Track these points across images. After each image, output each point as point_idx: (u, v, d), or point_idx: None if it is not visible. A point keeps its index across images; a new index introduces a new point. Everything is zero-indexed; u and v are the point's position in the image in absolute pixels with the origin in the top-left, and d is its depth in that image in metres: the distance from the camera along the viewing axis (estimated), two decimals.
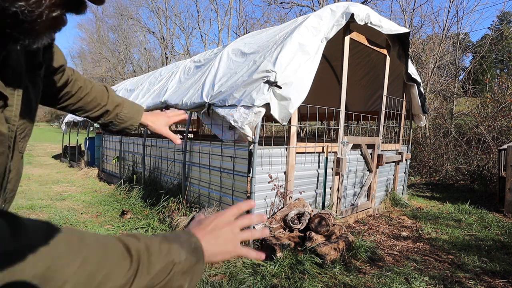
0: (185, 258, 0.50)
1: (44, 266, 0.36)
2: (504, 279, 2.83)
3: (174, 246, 0.49)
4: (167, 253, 0.48)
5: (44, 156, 12.07)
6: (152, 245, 0.47)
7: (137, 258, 0.44)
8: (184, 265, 0.49)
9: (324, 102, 5.82)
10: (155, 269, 0.46)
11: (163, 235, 0.51)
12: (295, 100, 3.17)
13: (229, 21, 20.51)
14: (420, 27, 11.78)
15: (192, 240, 0.53)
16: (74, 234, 0.41)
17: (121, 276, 0.42)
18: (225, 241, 0.58)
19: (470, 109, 10.13)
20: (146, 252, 0.46)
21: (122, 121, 0.98)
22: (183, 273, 0.49)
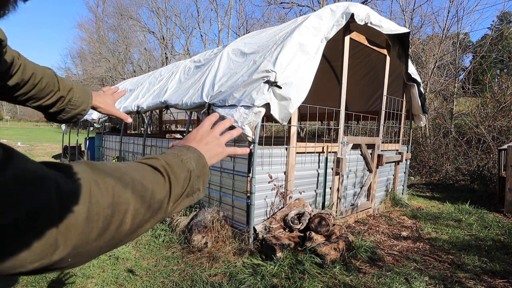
0: (196, 165, 0.58)
1: (111, 195, 0.41)
2: (504, 279, 2.83)
3: (184, 157, 0.57)
4: (183, 164, 0.55)
5: (44, 156, 12.07)
6: (170, 160, 0.54)
7: (166, 172, 0.51)
8: (196, 171, 0.57)
9: (324, 102, 5.82)
10: (181, 178, 0.53)
11: (172, 152, 0.57)
12: (295, 100, 3.17)
13: (229, 21, 20.51)
14: (420, 27, 11.78)
15: (192, 150, 0.61)
16: (112, 165, 0.46)
17: (162, 189, 0.49)
18: (214, 145, 0.67)
19: (470, 109, 10.13)
20: (168, 166, 0.52)
21: (74, 107, 0.90)
22: (197, 177, 0.57)
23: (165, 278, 2.70)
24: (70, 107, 0.89)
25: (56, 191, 0.34)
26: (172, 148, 0.62)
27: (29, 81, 0.80)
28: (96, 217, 0.38)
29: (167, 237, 3.51)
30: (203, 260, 2.97)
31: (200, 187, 0.58)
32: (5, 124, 48.07)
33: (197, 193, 0.58)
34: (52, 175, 0.35)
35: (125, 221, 0.42)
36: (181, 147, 0.61)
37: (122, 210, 0.42)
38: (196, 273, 2.74)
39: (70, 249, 0.36)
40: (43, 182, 0.34)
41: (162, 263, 2.98)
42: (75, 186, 0.37)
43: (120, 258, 3.05)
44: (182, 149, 0.60)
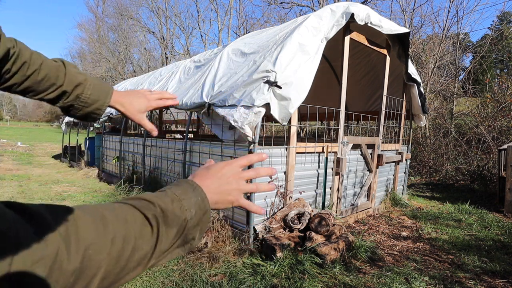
0: (195, 212, 0.52)
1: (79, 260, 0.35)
2: (504, 279, 2.83)
3: (184, 203, 0.51)
4: (180, 212, 0.49)
5: (44, 156, 12.07)
6: (167, 207, 0.48)
7: (156, 224, 0.45)
8: (194, 219, 0.51)
9: (324, 102, 5.82)
10: (173, 231, 0.48)
11: (171, 191, 0.52)
12: (295, 100, 3.17)
13: (229, 21, 20.52)
14: (420, 27, 11.78)
15: (198, 192, 0.54)
16: (96, 215, 0.41)
17: (146, 245, 0.44)
18: (229, 191, 0.59)
19: (470, 109, 10.13)
20: (162, 216, 0.47)
21: (86, 105, 0.79)
22: (194, 227, 0.52)
23: (165, 278, 2.70)
24: (80, 104, 0.79)
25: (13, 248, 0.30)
26: (177, 184, 0.55)
27: (19, 71, 0.72)
28: (54, 284, 0.33)
29: None
30: (203, 260, 2.97)
31: (196, 236, 0.53)
32: (5, 124, 48.11)
33: (191, 243, 0.52)
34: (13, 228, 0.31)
35: (89, 286, 0.37)
36: (188, 184, 0.55)
37: (89, 275, 0.37)
38: (196, 273, 2.74)
39: None
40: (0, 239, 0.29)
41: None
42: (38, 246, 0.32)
43: None
44: (188, 189, 0.53)
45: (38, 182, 6.73)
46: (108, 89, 0.81)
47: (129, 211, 0.45)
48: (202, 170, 0.60)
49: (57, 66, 0.77)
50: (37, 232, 0.33)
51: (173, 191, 0.51)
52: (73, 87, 0.78)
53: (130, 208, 0.45)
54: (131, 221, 0.43)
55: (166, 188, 0.53)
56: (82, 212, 0.39)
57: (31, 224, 0.33)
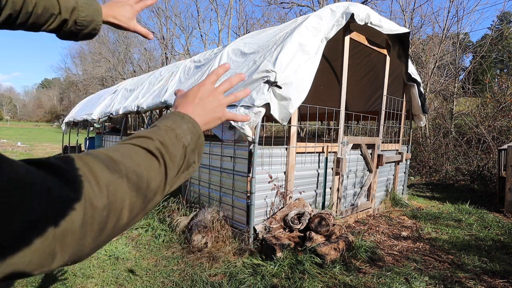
0: (191, 137, 0.55)
1: (105, 195, 0.39)
2: (504, 279, 2.84)
3: (178, 131, 0.53)
4: (177, 140, 0.52)
5: (44, 156, 12.07)
6: (164, 138, 0.50)
7: (160, 155, 0.48)
8: (191, 144, 0.54)
9: (324, 102, 5.82)
10: (177, 158, 0.51)
11: (165, 125, 0.53)
12: (295, 100, 3.17)
13: (229, 21, 20.51)
14: (420, 27, 11.78)
15: (187, 119, 0.57)
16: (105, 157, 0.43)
17: (158, 175, 0.47)
18: (213, 109, 0.62)
19: (470, 109, 10.13)
20: (163, 147, 0.49)
21: (83, 27, 0.82)
22: (192, 151, 0.55)
23: (165, 278, 2.70)
24: (78, 28, 0.81)
25: (48, 197, 0.32)
26: (165, 117, 0.57)
27: (22, 10, 0.73)
28: (91, 221, 0.36)
29: (167, 237, 3.51)
30: (203, 260, 2.97)
31: (195, 159, 0.56)
32: (5, 124, 48.07)
33: (192, 166, 0.56)
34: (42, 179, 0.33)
35: (121, 217, 0.41)
36: (175, 115, 0.57)
37: (118, 209, 0.40)
38: (196, 273, 2.74)
39: (68, 256, 0.35)
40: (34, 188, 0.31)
41: (162, 263, 2.98)
42: (67, 190, 0.35)
43: (120, 258, 3.05)
44: (176, 119, 0.56)
45: None
46: (98, 6, 0.83)
47: (131, 149, 0.47)
48: (179, 99, 0.62)
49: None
50: (61, 181, 0.35)
51: (164, 123, 0.54)
52: (70, 13, 0.79)
53: (131, 147, 0.47)
54: (136, 157, 0.46)
55: (156, 123, 0.55)
56: (92, 157, 0.41)
57: (54, 174, 0.35)
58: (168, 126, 0.53)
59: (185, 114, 0.57)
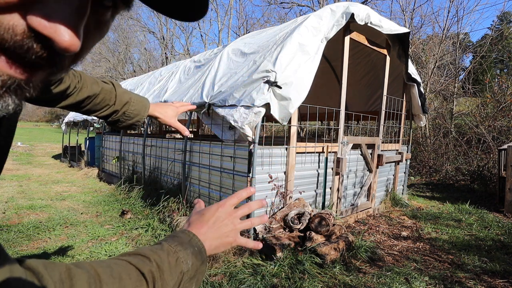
0: (192, 263, 0.51)
1: None
2: (504, 279, 2.83)
3: (181, 255, 0.50)
4: (176, 265, 0.49)
5: (44, 156, 12.07)
6: (162, 262, 0.48)
7: (152, 280, 0.45)
8: (191, 271, 0.51)
9: (324, 102, 5.82)
10: (169, 286, 0.47)
11: (167, 244, 0.51)
12: (295, 100, 3.17)
13: (229, 21, 20.51)
14: (420, 27, 11.79)
15: (195, 242, 0.54)
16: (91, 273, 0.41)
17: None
18: (226, 233, 0.59)
19: (470, 109, 10.13)
20: (158, 271, 0.47)
21: (129, 118, 0.97)
22: (190, 279, 0.51)
23: None
24: (125, 118, 0.96)
25: None
26: (174, 235, 0.55)
27: (84, 101, 0.88)
28: None
29: None
30: None
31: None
32: None
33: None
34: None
35: None
36: (184, 235, 0.54)
37: None
38: None
39: None
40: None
41: None
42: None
43: None
44: (184, 240, 0.53)
45: (38, 182, 6.73)
46: (146, 103, 1.00)
47: (125, 268, 0.44)
48: (195, 217, 0.60)
49: (110, 89, 0.93)
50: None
51: (169, 243, 0.51)
52: (122, 106, 0.94)
53: (126, 265, 0.45)
54: (126, 278, 0.43)
55: (163, 240, 0.53)
56: (78, 270, 0.39)
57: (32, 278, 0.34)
58: (172, 248, 0.51)
59: (195, 236, 0.55)
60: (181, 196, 4.14)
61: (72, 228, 3.86)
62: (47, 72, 0.29)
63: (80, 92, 0.86)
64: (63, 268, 0.38)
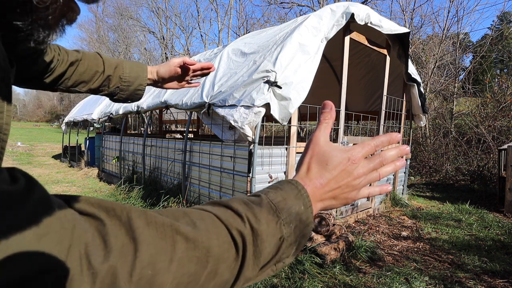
0: (295, 226, 0.40)
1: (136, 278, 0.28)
2: (504, 279, 2.83)
3: (283, 215, 0.39)
4: (276, 229, 0.38)
5: (44, 156, 12.07)
6: (259, 225, 0.37)
7: (242, 246, 0.36)
8: (292, 236, 0.40)
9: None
10: (263, 255, 0.38)
11: (268, 198, 0.40)
12: (295, 100, 3.17)
13: (229, 21, 20.52)
14: (420, 27, 11.79)
15: (304, 199, 0.42)
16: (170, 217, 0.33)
17: (226, 272, 0.35)
18: (348, 194, 0.46)
19: (470, 109, 10.13)
20: (252, 236, 0.36)
21: (129, 83, 0.88)
22: (290, 245, 0.40)
23: None
24: (124, 84, 0.87)
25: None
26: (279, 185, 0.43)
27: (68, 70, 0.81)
28: None
29: None
30: None
31: (290, 253, 0.41)
32: None
33: (283, 262, 0.41)
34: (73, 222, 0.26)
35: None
36: (292, 187, 0.42)
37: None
38: None
39: None
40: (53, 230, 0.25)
41: None
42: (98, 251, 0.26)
43: None
44: (290, 195, 0.41)
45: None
46: (142, 66, 0.91)
47: (214, 224, 0.35)
48: (317, 158, 0.45)
49: (94, 55, 0.86)
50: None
51: (271, 197, 0.40)
52: (114, 69, 0.86)
53: (215, 221, 0.36)
54: (214, 234, 0.34)
55: (263, 191, 0.42)
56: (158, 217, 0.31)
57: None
58: (274, 205, 0.39)
59: (304, 190, 0.42)
60: (181, 196, 4.14)
61: None
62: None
63: (63, 63, 0.81)
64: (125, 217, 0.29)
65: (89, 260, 0.25)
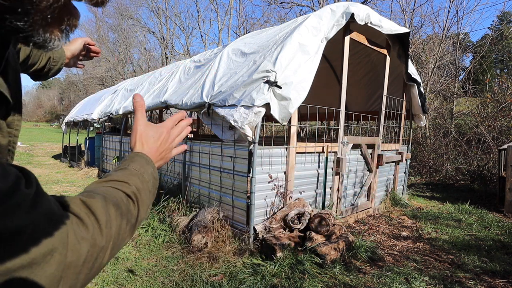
0: (152, 182, 0.61)
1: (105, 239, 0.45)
2: (504, 279, 2.83)
3: (145, 176, 0.60)
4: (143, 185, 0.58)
5: (44, 156, 12.06)
6: (137, 184, 0.57)
7: (136, 200, 0.55)
8: (152, 189, 0.61)
9: (324, 102, 5.82)
10: (146, 201, 0.58)
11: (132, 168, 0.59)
12: (295, 100, 3.17)
13: (229, 21, 20.50)
14: (420, 27, 11.78)
15: (150, 163, 0.63)
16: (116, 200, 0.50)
17: (132, 218, 0.53)
18: (168, 152, 0.70)
19: (470, 109, 10.12)
20: (138, 192, 0.56)
21: (56, 63, 1.00)
22: (153, 195, 0.62)
23: (165, 278, 2.70)
24: (53, 64, 1.00)
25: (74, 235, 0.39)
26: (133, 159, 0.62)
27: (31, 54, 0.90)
28: (90, 258, 0.41)
29: (167, 237, 3.51)
30: (203, 260, 2.97)
31: (152, 199, 0.62)
32: None
33: (149, 208, 0.61)
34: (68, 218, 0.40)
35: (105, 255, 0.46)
36: (141, 158, 0.62)
37: (106, 248, 0.45)
38: (196, 273, 2.74)
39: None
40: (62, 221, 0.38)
41: (162, 263, 2.98)
42: (84, 230, 0.42)
43: (120, 258, 3.05)
44: (143, 163, 0.62)
45: None
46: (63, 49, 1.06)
47: (116, 193, 0.53)
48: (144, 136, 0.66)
49: None
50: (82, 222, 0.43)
51: (133, 167, 0.60)
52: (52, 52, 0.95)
53: (115, 191, 0.53)
54: (120, 200, 0.52)
55: (125, 164, 0.60)
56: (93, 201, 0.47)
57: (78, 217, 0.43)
58: (137, 171, 0.59)
59: (150, 159, 0.64)
60: (181, 196, 4.13)
61: None
62: None
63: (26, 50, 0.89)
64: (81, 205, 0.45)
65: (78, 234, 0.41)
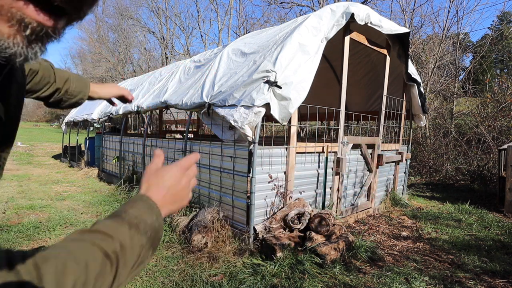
0: (150, 234, 0.51)
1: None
2: (504, 279, 2.83)
3: (141, 227, 0.50)
4: (137, 239, 0.49)
5: (44, 156, 12.06)
6: (125, 238, 0.47)
7: (116, 259, 0.45)
8: (148, 242, 0.51)
9: (324, 102, 5.82)
10: (131, 261, 0.48)
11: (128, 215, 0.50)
12: (295, 100, 3.17)
13: (229, 21, 20.50)
14: (420, 27, 11.78)
15: (154, 210, 0.54)
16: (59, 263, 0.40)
17: (106, 280, 0.44)
18: (182, 197, 0.60)
19: (470, 109, 10.12)
20: (121, 250, 0.47)
21: (72, 96, 0.96)
22: (148, 250, 0.51)
23: (165, 278, 2.70)
24: (68, 96, 0.94)
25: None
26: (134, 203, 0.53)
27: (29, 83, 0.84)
28: None
29: (167, 237, 3.51)
30: (203, 260, 2.97)
31: (149, 255, 0.52)
32: None
33: (144, 263, 0.51)
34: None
35: None
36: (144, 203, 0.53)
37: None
38: (196, 273, 2.74)
39: None
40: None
41: (162, 263, 2.98)
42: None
43: None
44: (144, 209, 0.52)
45: (38, 182, 6.73)
46: (87, 81, 1.01)
47: (90, 251, 0.44)
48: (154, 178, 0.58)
49: (48, 66, 0.88)
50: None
51: (130, 214, 0.50)
52: (63, 83, 0.92)
53: (91, 248, 0.44)
54: (92, 262, 0.43)
55: (123, 210, 0.51)
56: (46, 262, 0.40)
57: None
58: (133, 220, 0.50)
59: (154, 204, 0.54)
60: None
61: (72, 228, 3.86)
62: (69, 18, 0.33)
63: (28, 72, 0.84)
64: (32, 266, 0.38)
65: None
